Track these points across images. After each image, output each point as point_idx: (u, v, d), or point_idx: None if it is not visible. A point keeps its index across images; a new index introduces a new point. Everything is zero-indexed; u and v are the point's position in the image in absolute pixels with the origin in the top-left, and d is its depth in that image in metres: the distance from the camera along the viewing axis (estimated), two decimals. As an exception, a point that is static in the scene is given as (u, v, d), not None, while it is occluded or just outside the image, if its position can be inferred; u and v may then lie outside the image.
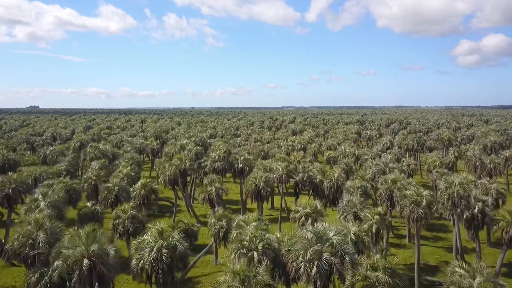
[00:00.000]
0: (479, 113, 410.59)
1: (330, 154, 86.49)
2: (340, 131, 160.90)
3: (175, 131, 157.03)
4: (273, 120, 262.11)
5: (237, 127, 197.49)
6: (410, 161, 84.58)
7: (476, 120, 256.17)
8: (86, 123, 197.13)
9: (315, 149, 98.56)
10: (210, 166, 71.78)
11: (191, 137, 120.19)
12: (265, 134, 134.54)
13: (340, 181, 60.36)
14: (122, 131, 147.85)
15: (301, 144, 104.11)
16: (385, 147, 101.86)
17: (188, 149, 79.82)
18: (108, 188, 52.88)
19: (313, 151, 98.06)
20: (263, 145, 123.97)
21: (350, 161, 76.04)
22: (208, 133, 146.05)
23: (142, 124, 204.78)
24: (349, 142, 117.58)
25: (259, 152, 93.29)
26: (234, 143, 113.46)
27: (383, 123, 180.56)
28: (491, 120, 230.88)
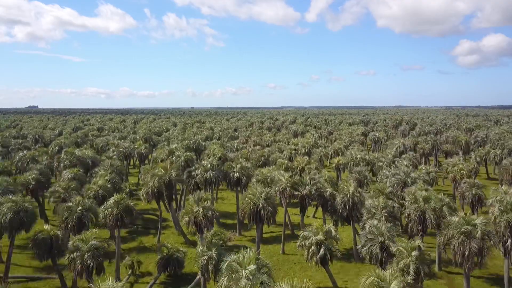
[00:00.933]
0: (483, 113, 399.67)
1: (340, 160, 75.55)
2: (344, 132, 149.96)
3: (169, 132, 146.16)
4: (273, 121, 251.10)
5: (235, 128, 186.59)
6: (429, 168, 73.74)
7: (483, 120, 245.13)
8: (77, 124, 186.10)
9: (321, 154, 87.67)
10: (201, 176, 60.81)
11: (184, 139, 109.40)
12: (265, 136, 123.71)
13: (356, 196, 49.48)
14: (113, 133, 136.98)
15: (305, 148, 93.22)
16: (398, 152, 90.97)
17: (177, 155, 68.86)
18: (69, 209, 41.90)
19: (319, 156, 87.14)
20: (263, 148, 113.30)
21: (363, 169, 65.11)
22: (204, 135, 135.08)
23: (134, 125, 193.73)
24: (357, 146, 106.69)
25: (259, 158, 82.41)
26: (231, 146, 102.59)
27: (391, 124, 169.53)
28: (500, 120, 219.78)
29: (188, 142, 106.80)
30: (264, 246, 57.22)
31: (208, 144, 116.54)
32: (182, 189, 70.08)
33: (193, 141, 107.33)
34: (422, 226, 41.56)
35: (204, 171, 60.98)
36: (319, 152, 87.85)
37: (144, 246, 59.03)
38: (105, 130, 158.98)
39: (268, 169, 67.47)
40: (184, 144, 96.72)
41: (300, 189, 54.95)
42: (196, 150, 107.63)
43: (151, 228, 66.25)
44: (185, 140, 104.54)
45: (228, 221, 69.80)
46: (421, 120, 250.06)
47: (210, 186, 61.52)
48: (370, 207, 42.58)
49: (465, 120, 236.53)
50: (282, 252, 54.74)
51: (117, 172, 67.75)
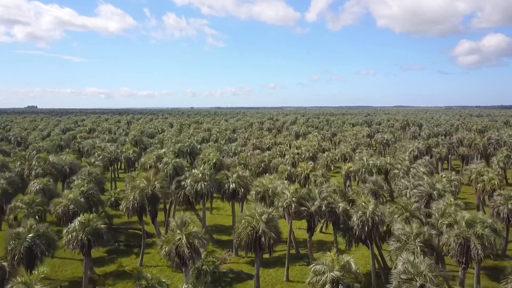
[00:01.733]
0: (485, 113, 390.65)
1: (350, 167, 66.30)
2: (349, 134, 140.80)
3: (164, 134, 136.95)
4: (273, 121, 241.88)
5: (234, 129, 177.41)
6: (451, 176, 64.69)
7: (489, 121, 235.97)
8: (68, 124, 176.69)
9: (327, 160, 78.43)
10: (191, 188, 51.62)
11: (177, 142, 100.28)
12: (265, 138, 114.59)
13: (377, 215, 40.36)
14: (103, 134, 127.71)
15: (309, 152, 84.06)
16: (412, 156, 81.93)
17: (165, 162, 59.62)
18: (17, 236, 32.75)
19: (325, 161, 77.92)
20: (263, 152, 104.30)
21: (379, 179, 55.92)
22: (200, 137, 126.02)
23: (128, 126, 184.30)
24: (366, 149, 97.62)
25: (258, 164, 73.26)
26: (229, 149, 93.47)
27: (397, 125, 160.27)
28: (510, 121, 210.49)
29: (182, 145, 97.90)
30: (265, 270, 48.17)
31: (205, 147, 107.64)
32: (171, 202, 61.00)
33: (187, 144, 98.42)
34: (465, 257, 32.48)
35: (195, 181, 51.80)
36: (325, 157, 78.60)
37: (124, 270, 49.94)
38: (97, 132, 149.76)
39: (269, 178, 58.40)
40: (176, 148, 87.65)
41: (308, 205, 45.83)
42: (190, 153, 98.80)
43: (135, 246, 57.11)
44: (178, 143, 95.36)
45: (223, 237, 60.72)
46: (425, 120, 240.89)
47: (202, 199, 52.41)
48: (400, 234, 33.34)
49: (471, 121, 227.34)
50: (286, 279, 45.68)
51: (97, 182, 58.55)
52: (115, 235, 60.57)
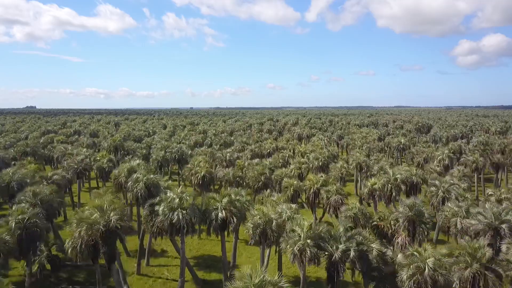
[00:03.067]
0: (492, 113, 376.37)
1: (374, 184, 51.55)
2: (357, 137, 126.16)
3: (154, 137, 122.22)
4: (273, 122, 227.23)
5: (232, 130, 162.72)
6: (500, 194, 50.23)
7: (500, 122, 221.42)
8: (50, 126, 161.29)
9: (341, 171, 63.65)
10: (163, 217, 36.88)
11: (163, 148, 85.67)
12: (265, 143, 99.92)
13: (439, 273, 25.87)
14: (85, 138, 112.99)
15: (318, 161, 69.47)
16: (442, 165, 67.47)
17: (135, 179, 44.86)
18: None
19: (339, 173, 63.17)
20: (263, 158, 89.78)
21: (418, 203, 41.21)
22: (192, 141, 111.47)
23: (116, 127, 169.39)
24: (383, 157, 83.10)
25: (257, 177, 58.61)
26: (223, 156, 78.85)
27: (413, 126, 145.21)
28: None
29: (170, 151, 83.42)
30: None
31: (197, 152, 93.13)
32: (143, 231, 46.43)
33: (175, 149, 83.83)
34: None
35: (169, 209, 37.12)
36: (339, 167, 63.81)
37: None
38: (82, 134, 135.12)
39: (272, 201, 44.07)
40: (160, 156, 73.14)
41: (329, 249, 31.33)
42: (179, 161, 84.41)
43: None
44: (162, 150, 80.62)
45: (212, 274, 46.31)
46: (433, 121, 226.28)
47: (179, 233, 37.74)
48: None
49: (482, 121, 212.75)
50: None
51: (47, 207, 43.92)
52: (71, 274, 46.19)
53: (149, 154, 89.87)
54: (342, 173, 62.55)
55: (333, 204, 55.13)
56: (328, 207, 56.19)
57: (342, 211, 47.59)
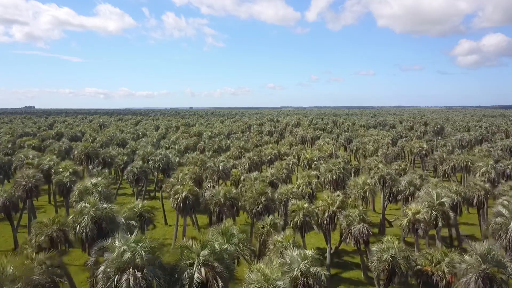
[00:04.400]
0: (499, 113, 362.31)
1: (417, 212, 36.87)
2: (368, 140, 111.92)
3: (141, 140, 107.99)
4: (274, 123, 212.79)
5: (229, 132, 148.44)
6: None
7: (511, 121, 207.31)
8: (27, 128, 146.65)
9: (364, 188, 49.01)
10: (104, 284, 22.68)
11: (148, 155, 71.50)
12: (266, 149, 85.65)
13: None
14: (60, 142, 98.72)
15: (332, 173, 55.19)
16: (487, 179, 53.34)
17: (79, 210, 30.61)
18: None
19: (361, 191, 48.66)
20: (264, 166, 76.01)
21: (494, 250, 27.12)
22: (183, 146, 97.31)
23: (101, 129, 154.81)
24: (405, 166, 68.92)
25: (256, 198, 44.30)
26: (215, 166, 64.55)
27: (430, 129, 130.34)
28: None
29: (153, 159, 69.35)
30: None
31: (187, 158, 79.16)
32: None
33: (159, 157, 69.69)
34: None
35: (116, 269, 22.97)
36: (362, 184, 49.15)
37: None
38: (64, 137, 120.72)
39: (277, 242, 30.14)
40: (136, 168, 58.96)
41: None
42: (164, 171, 70.40)
43: None
44: (143, 159, 66.47)
45: None
46: (441, 121, 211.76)
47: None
48: None
49: (493, 122, 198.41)
50: None
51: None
52: None
53: (133, 162, 76.00)
54: (365, 192, 48.25)
55: (356, 235, 41.25)
56: (348, 236, 42.34)
57: (374, 252, 33.62)
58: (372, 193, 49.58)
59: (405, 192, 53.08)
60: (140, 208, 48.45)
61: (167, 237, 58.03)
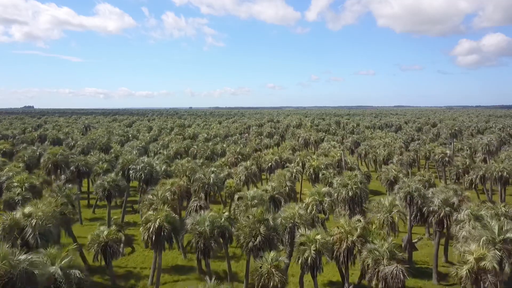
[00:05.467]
0: (502, 113, 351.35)
1: (482, 255, 26.13)
2: (377, 143, 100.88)
3: (128, 144, 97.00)
4: (274, 123, 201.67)
5: (226, 134, 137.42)
6: None
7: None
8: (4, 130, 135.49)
9: (392, 211, 37.59)
10: None
11: (128, 163, 60.58)
12: (267, 155, 74.57)
13: None
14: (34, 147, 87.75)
15: (347, 190, 44.14)
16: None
17: None
18: None
19: (388, 216, 37.37)
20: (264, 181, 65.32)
21: None
22: (173, 151, 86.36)
23: (86, 130, 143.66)
24: (430, 176, 57.91)
25: (253, 227, 33.31)
26: (205, 178, 53.45)
27: (446, 130, 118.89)
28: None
29: (134, 168, 58.51)
30: None
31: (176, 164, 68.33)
32: None
33: (141, 166, 58.80)
34: None
35: None
36: (389, 207, 37.73)
37: None
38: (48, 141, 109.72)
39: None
40: (107, 182, 47.97)
41: None
42: (147, 182, 59.63)
43: None
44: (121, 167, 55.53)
45: None
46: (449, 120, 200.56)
47: None
48: None
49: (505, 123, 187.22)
50: None
51: None
52: None
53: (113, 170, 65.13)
54: (393, 219, 36.95)
55: (387, 280, 30.48)
56: (375, 278, 31.62)
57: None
58: (403, 218, 38.31)
59: (439, 213, 42.20)
60: (105, 237, 37.59)
61: (145, 265, 47.16)
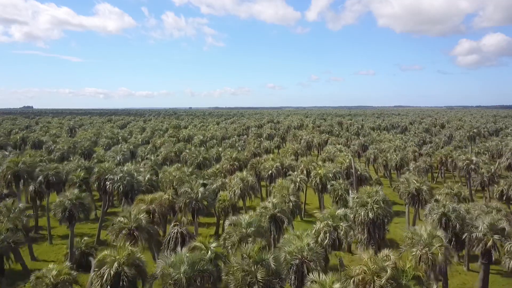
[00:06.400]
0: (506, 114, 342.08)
1: None
2: (387, 147, 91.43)
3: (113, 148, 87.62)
4: (274, 124, 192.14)
5: (223, 136, 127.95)
6: None
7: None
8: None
9: (433, 244, 28.12)
10: None
11: (106, 172, 51.38)
12: (267, 163, 65.16)
13: None
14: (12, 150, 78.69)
15: (367, 211, 34.84)
16: None
17: None
18: None
19: (427, 252, 28.03)
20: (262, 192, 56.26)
21: None
22: (162, 156, 77.02)
23: (71, 133, 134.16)
24: (458, 190, 48.64)
25: (248, 269, 24.08)
26: (193, 193, 43.98)
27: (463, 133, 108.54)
28: None
29: (111, 179, 49.36)
30: None
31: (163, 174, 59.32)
32: None
33: (119, 177, 49.64)
34: None
35: None
36: (428, 239, 27.89)
37: None
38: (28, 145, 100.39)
39: None
40: (71, 198, 38.64)
41: None
42: (126, 195, 50.41)
43: None
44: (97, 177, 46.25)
45: None
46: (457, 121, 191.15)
47: None
48: None
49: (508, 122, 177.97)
50: None
51: None
52: None
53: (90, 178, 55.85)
54: (435, 256, 27.29)
55: None
56: None
57: None
58: (447, 259, 28.42)
59: (485, 242, 32.91)
60: (53, 279, 28.29)
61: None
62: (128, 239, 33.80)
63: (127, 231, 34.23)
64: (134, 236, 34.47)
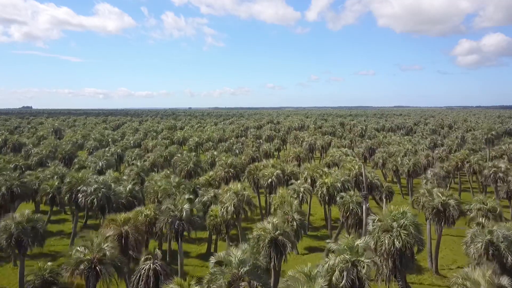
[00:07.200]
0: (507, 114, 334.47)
1: None
2: (396, 150, 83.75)
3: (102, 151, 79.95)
4: (274, 125, 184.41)
5: (220, 138, 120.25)
6: None
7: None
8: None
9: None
10: None
11: (79, 182, 43.66)
12: (266, 169, 57.39)
13: None
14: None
15: (391, 238, 27.36)
16: None
17: None
18: None
19: None
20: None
21: None
22: (149, 162, 69.35)
23: (56, 135, 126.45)
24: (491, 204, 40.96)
25: None
26: (175, 209, 36.29)
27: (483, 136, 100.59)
28: None
29: (84, 192, 41.90)
30: None
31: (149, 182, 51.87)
32: None
33: (93, 188, 42.09)
34: None
35: None
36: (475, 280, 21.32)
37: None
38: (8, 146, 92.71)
39: None
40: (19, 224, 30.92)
41: None
42: (103, 209, 42.87)
43: None
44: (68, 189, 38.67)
45: None
46: (460, 123, 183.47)
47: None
48: None
49: None
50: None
51: None
52: None
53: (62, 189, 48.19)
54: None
55: None
56: None
57: None
58: None
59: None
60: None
61: None
62: (88, 275, 26.20)
63: (87, 265, 26.61)
64: (96, 271, 26.87)
